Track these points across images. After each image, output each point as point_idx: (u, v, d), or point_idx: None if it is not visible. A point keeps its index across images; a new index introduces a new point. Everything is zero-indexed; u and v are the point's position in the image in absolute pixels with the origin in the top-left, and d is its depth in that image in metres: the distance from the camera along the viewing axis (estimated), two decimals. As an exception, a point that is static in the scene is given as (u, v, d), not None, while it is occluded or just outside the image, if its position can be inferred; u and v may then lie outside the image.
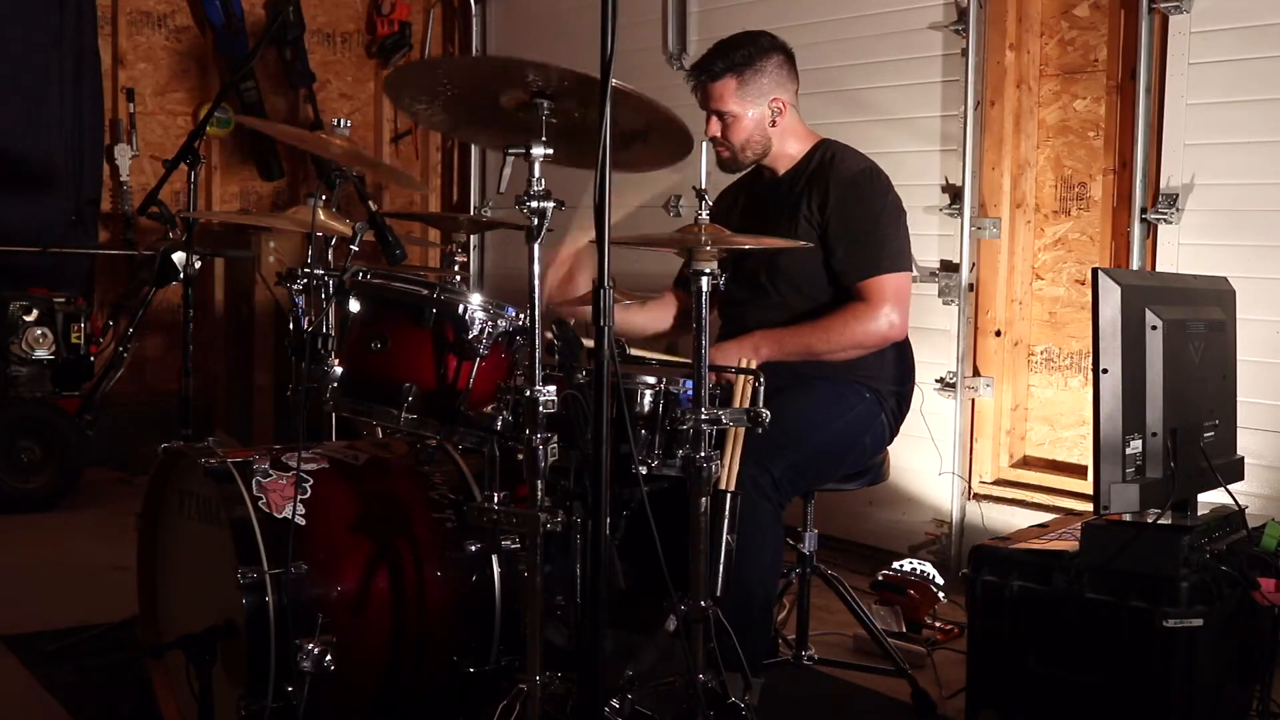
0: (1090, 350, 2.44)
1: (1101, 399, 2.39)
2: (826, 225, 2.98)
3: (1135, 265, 3.75)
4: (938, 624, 3.46)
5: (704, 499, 2.37)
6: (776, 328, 2.98)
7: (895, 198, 3.05)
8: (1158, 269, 3.70)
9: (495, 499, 2.31)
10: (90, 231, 5.59)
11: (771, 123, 3.06)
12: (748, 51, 3.03)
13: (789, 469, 2.75)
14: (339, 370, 2.49)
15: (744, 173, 3.23)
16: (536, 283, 2.17)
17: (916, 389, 3.15)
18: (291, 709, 2.29)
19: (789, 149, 3.11)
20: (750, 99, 3.03)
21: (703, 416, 2.35)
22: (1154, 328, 2.44)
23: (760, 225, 3.07)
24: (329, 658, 2.28)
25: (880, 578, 3.58)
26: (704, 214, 2.40)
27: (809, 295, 3.02)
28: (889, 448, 3.11)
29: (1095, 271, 2.42)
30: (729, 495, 2.46)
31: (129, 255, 5.51)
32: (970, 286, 4.19)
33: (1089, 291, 2.42)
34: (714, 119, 3.06)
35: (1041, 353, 4.21)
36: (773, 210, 3.09)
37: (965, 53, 4.11)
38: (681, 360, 2.70)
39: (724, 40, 3.08)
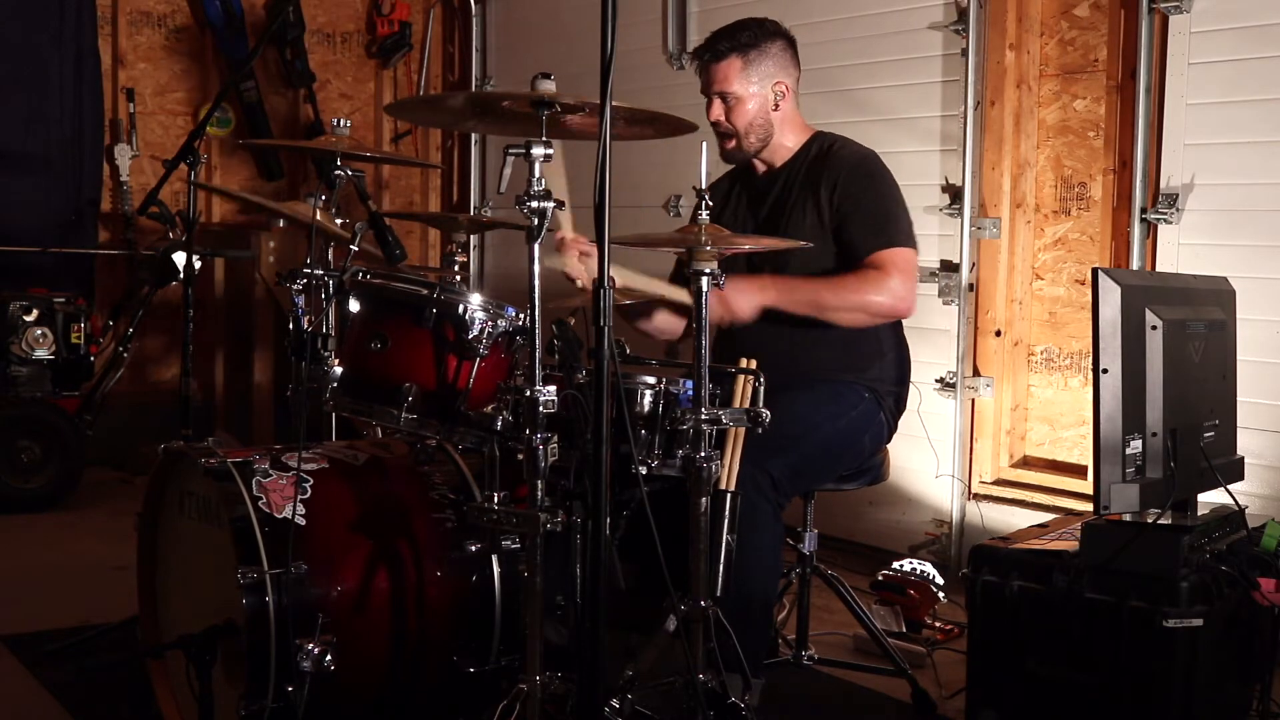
0: (1090, 350, 2.44)
1: (1101, 399, 2.39)
2: (839, 207, 2.97)
3: (1135, 265, 3.75)
4: (938, 624, 3.45)
5: (704, 499, 2.37)
6: (788, 276, 2.93)
7: (896, 181, 3.06)
8: (1158, 269, 3.70)
9: (495, 499, 2.31)
10: (90, 231, 5.59)
11: (774, 106, 3.04)
12: (752, 34, 3.03)
13: (787, 469, 2.74)
14: (339, 370, 2.49)
15: (735, 166, 3.21)
16: (538, 280, 2.18)
17: (916, 389, 3.15)
18: (291, 709, 2.29)
19: (786, 140, 3.09)
20: (754, 80, 3.02)
21: (703, 416, 2.35)
22: (1154, 328, 2.44)
23: (765, 222, 3.06)
24: (329, 658, 2.28)
25: (880, 578, 3.58)
26: (704, 214, 2.40)
27: None
28: (889, 447, 3.11)
29: (1095, 271, 2.41)
30: (729, 495, 2.46)
31: (129, 255, 5.51)
32: (970, 286, 4.19)
33: (1089, 291, 2.42)
34: (716, 102, 3.04)
35: (1041, 353, 4.21)
36: (777, 206, 3.07)
37: (965, 53, 4.11)
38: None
39: (727, 25, 3.07)
